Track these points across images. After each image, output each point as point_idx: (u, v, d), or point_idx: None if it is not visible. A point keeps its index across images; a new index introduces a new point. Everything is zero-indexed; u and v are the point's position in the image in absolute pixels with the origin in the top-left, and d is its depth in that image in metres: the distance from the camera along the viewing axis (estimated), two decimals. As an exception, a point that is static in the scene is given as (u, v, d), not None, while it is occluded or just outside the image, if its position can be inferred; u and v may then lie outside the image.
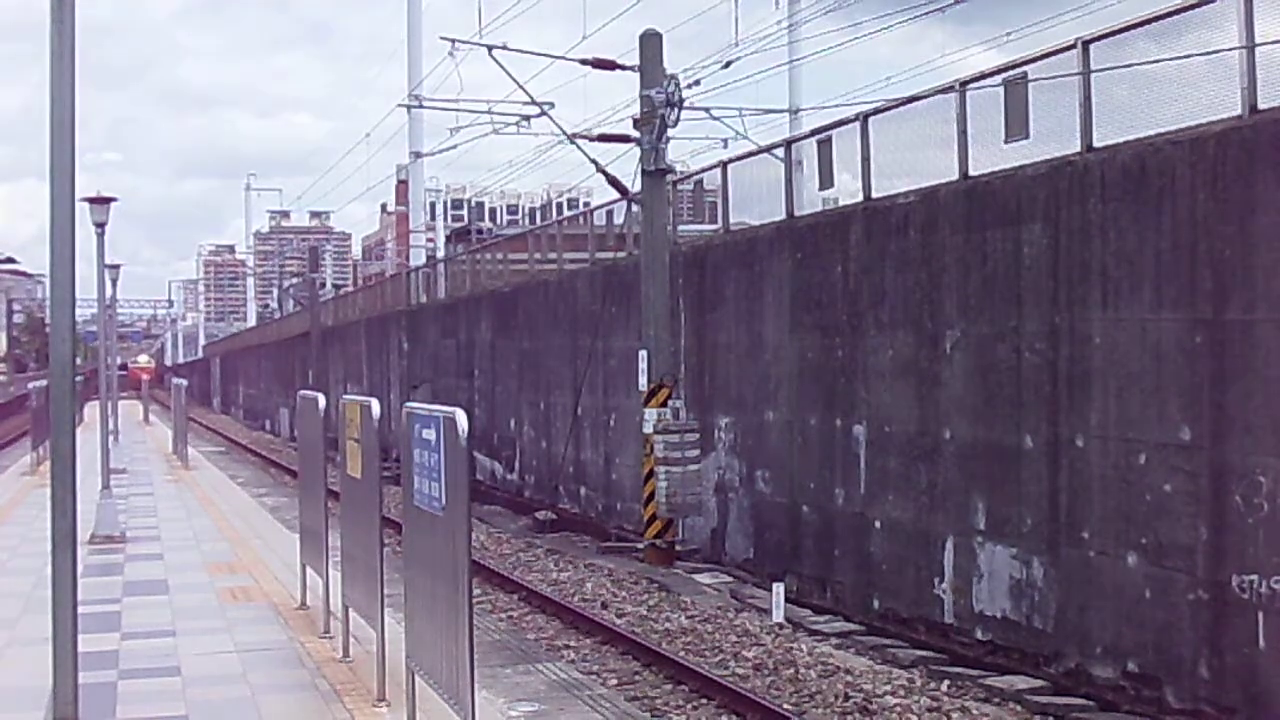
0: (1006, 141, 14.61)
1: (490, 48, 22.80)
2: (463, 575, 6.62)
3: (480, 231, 60.43)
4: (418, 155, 51.00)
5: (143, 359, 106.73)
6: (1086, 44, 13.32)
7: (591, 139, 22.88)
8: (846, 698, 12.07)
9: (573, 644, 14.83)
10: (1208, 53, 11.99)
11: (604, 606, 16.80)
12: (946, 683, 13.08)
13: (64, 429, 6.48)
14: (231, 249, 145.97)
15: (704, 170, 23.34)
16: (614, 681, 12.93)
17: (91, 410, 48.99)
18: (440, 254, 55.71)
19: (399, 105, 43.39)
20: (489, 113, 27.83)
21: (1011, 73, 14.60)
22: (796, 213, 19.03)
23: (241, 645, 10.93)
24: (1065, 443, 13.28)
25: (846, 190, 18.18)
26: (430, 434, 7.23)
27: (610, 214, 27.08)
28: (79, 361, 40.40)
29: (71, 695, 6.34)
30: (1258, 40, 11.46)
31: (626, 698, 12.03)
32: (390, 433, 16.92)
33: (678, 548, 20.21)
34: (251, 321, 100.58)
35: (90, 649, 8.65)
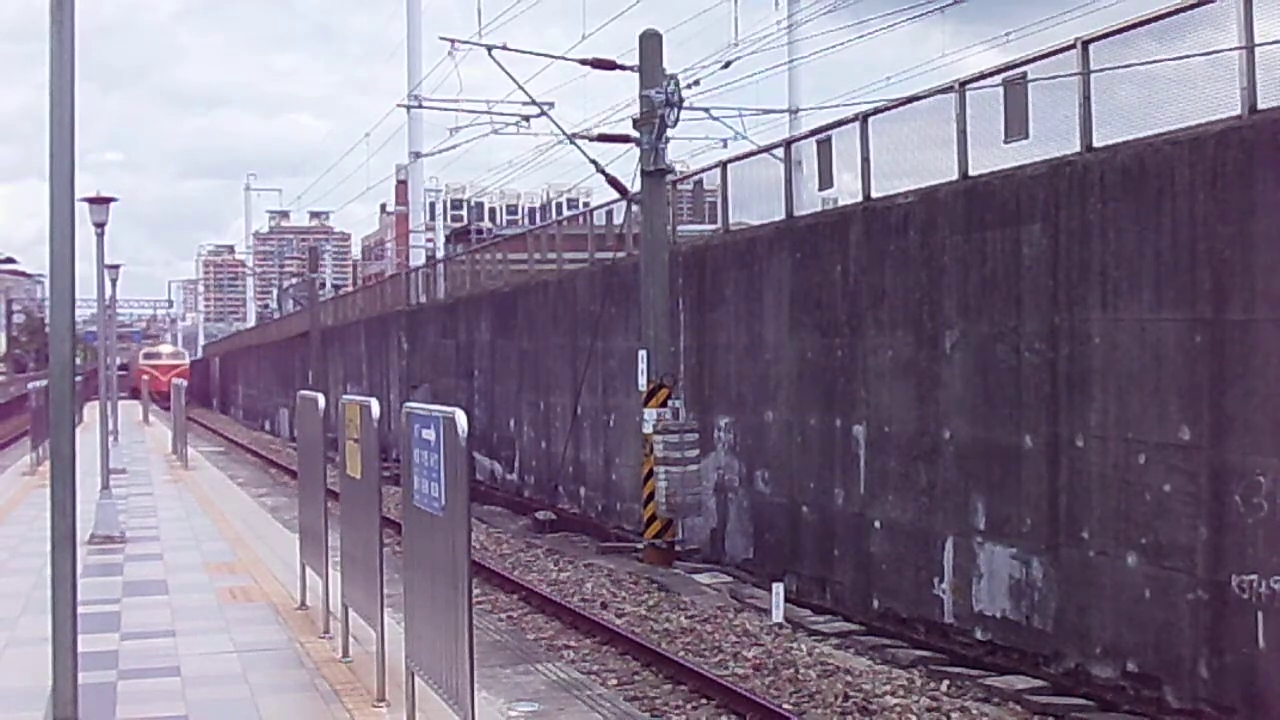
0: (1006, 141, 14.61)
1: (490, 48, 22.82)
2: (462, 575, 6.61)
3: (480, 231, 60.50)
4: (417, 155, 51.01)
5: (165, 349, 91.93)
6: (1086, 44, 13.32)
7: (591, 139, 22.90)
8: (846, 698, 12.07)
9: (572, 644, 14.83)
10: (1207, 53, 11.99)
11: (604, 606, 16.80)
12: (946, 683, 13.08)
13: (64, 429, 6.47)
14: (231, 249, 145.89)
15: (704, 170, 23.34)
16: (614, 681, 12.94)
17: (91, 411, 48.96)
18: (440, 254, 55.73)
19: (399, 105, 43.40)
20: (489, 113, 27.91)
21: (1011, 73, 14.60)
22: (796, 213, 19.03)
23: (241, 645, 10.92)
24: (1065, 443, 13.28)
25: (846, 190, 18.18)
26: (430, 434, 7.22)
27: (610, 214, 27.08)
28: (79, 362, 40.34)
29: (71, 695, 6.33)
30: (1257, 40, 11.46)
31: (626, 698, 12.03)
32: (390, 433, 16.93)
33: (677, 548, 20.21)
34: (251, 322, 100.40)
35: (90, 649, 8.64)
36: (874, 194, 16.94)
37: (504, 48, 22.78)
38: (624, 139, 21.52)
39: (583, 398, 25.51)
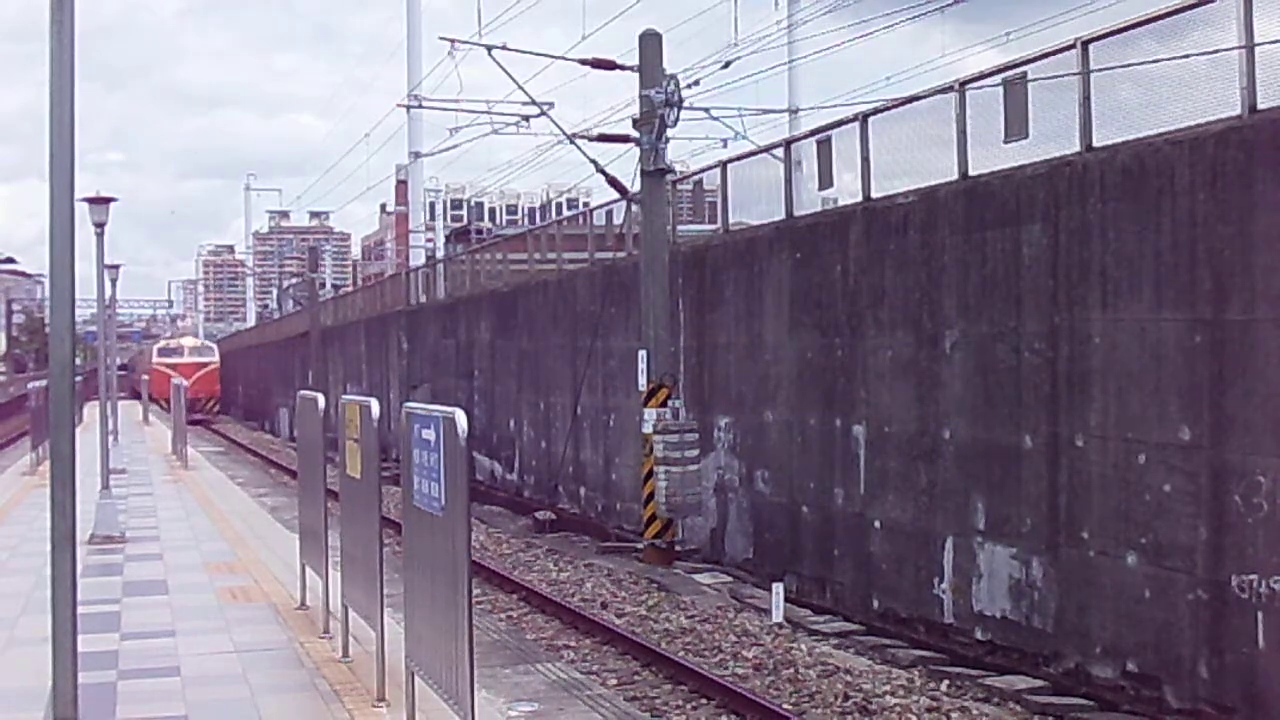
0: (1006, 141, 14.61)
1: (490, 48, 22.80)
2: (462, 575, 6.61)
3: (480, 231, 60.47)
4: (417, 155, 51.00)
5: (187, 343, 77.14)
6: (1086, 44, 13.33)
7: (591, 139, 22.89)
8: (846, 698, 12.08)
9: (572, 644, 14.83)
10: (1207, 52, 11.99)
11: (604, 606, 16.80)
12: (946, 683, 13.09)
13: (64, 429, 6.47)
14: (231, 249, 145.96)
15: (703, 170, 23.33)
16: (614, 681, 12.93)
17: (91, 411, 48.95)
18: (440, 254, 55.73)
19: (399, 105, 43.39)
20: (489, 113, 27.86)
21: (1011, 73, 14.60)
22: (796, 213, 19.03)
23: (241, 645, 10.92)
24: (1065, 443, 13.28)
25: (846, 190, 18.18)
26: (430, 434, 7.22)
27: (610, 214, 27.08)
28: (79, 362, 40.26)
29: (71, 695, 6.33)
30: (1257, 40, 11.46)
31: (626, 698, 12.02)
32: (390, 433, 16.92)
33: (677, 548, 20.21)
34: (251, 321, 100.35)
35: (90, 649, 8.64)
36: (874, 194, 16.94)
37: (504, 48, 22.77)
38: (624, 139, 21.52)
39: (583, 398, 25.51)
